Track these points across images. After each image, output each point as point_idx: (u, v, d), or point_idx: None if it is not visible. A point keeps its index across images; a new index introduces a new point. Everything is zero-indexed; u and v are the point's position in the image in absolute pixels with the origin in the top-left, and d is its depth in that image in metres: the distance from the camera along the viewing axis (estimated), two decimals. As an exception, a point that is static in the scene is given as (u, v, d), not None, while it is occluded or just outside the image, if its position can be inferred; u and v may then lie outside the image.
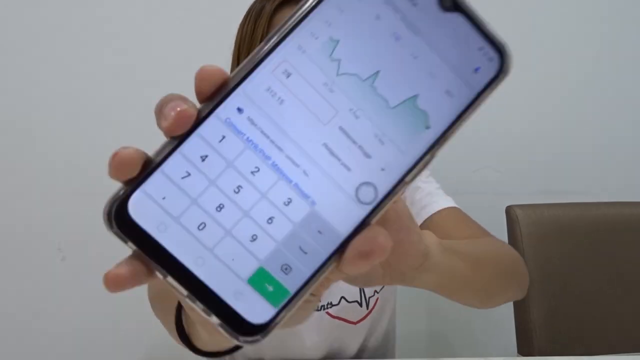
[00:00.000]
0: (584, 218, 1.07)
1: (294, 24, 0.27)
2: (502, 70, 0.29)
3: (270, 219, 0.27)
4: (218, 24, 1.10)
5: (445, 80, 0.29)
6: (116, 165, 0.26)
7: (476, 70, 0.29)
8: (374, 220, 0.28)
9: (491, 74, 0.29)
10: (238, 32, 0.79)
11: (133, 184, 0.26)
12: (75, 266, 1.42)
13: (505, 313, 1.07)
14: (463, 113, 0.29)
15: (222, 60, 0.80)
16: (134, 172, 0.26)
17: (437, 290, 0.51)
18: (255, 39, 0.75)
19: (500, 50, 0.29)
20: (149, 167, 0.26)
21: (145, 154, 0.26)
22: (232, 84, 0.27)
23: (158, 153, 0.26)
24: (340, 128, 0.28)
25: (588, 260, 1.05)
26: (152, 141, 0.29)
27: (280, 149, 0.27)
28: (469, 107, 0.29)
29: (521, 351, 1.04)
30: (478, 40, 0.29)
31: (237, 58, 0.78)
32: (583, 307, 1.04)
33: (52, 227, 1.41)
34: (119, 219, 0.26)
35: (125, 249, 0.26)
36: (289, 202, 0.27)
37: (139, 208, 0.26)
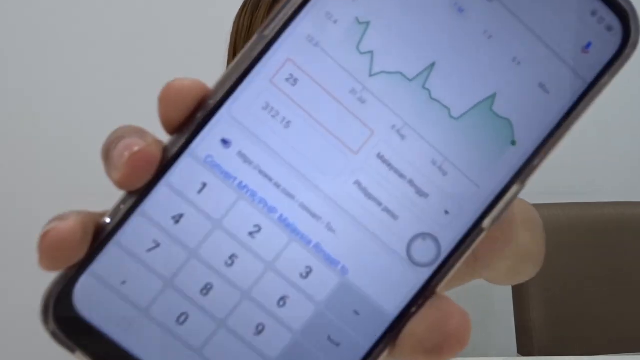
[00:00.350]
0: (584, 218, 1.08)
1: (298, 3, 0.18)
2: (627, 44, 0.19)
3: (282, 300, 0.18)
4: (217, 17, 0.99)
5: (537, 67, 0.18)
6: (47, 251, 0.17)
7: (587, 47, 0.19)
8: (441, 287, 0.19)
9: (610, 51, 0.19)
10: (233, 26, 0.67)
11: (78, 265, 0.18)
12: None
13: (505, 313, 1.08)
14: (568, 115, 0.19)
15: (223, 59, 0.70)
16: (75, 256, 0.17)
17: (498, 279, 0.41)
18: (252, 33, 0.64)
19: (623, 13, 0.18)
20: (100, 236, 0.18)
21: (95, 219, 0.18)
22: (212, 104, 0.18)
23: (112, 215, 0.18)
24: (379, 156, 0.18)
25: (588, 260, 1.06)
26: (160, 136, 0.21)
27: (290, 195, 0.18)
28: (577, 105, 0.19)
29: (521, 351, 1.05)
30: (588, 2, 0.18)
31: (233, 57, 0.67)
32: (583, 307, 1.05)
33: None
34: (62, 316, 0.18)
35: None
36: (308, 272, 0.18)
37: (88, 299, 0.18)
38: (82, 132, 1.36)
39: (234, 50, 0.68)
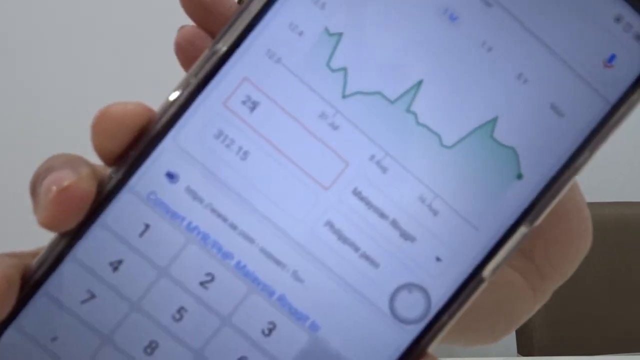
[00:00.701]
0: (583, 218, 1.06)
1: (256, 10, 0.15)
2: None
3: (240, 361, 0.15)
4: None
5: (548, 85, 0.15)
6: None
7: (610, 60, 0.15)
8: (432, 346, 0.16)
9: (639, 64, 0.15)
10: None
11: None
12: None
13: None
14: (587, 142, 0.15)
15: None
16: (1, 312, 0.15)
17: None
18: None
19: None
20: (28, 284, 0.15)
21: (22, 264, 0.15)
22: (155, 131, 0.15)
23: (41, 261, 0.15)
24: (356, 192, 0.15)
25: (588, 260, 1.01)
26: None
27: (248, 238, 0.15)
28: (598, 130, 0.15)
29: (521, 351, 1.03)
30: (612, 3, 0.15)
31: None
32: (583, 307, 1.04)
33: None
34: None
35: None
36: (271, 329, 0.15)
37: (11, 357, 0.15)
38: (82, 131, 1.36)
39: None
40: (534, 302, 0.21)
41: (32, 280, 0.15)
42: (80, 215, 0.15)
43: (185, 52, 0.17)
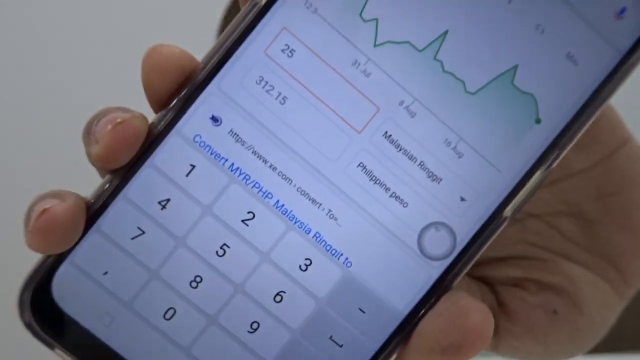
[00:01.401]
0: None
1: None
2: None
3: (278, 295, 0.16)
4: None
5: (564, 35, 0.16)
6: (42, 231, 0.15)
7: (621, 12, 0.16)
8: (457, 282, 0.17)
9: None
10: (220, 24, 0.65)
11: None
12: None
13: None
14: (600, 90, 0.17)
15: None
16: (70, 241, 0.16)
17: None
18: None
19: None
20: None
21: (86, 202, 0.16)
22: (200, 78, 0.16)
23: (94, 200, 0.16)
24: (386, 135, 0.16)
25: None
26: None
27: (287, 179, 0.16)
28: (610, 78, 0.17)
29: None
30: None
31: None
32: None
33: None
34: (39, 307, 0.16)
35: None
36: (307, 265, 0.17)
37: (68, 290, 0.16)
38: (81, 131, 1.36)
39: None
40: (619, 307, 0.21)
41: (86, 218, 0.16)
42: (132, 151, 0.16)
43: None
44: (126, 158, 0.16)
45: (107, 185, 0.16)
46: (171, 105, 0.16)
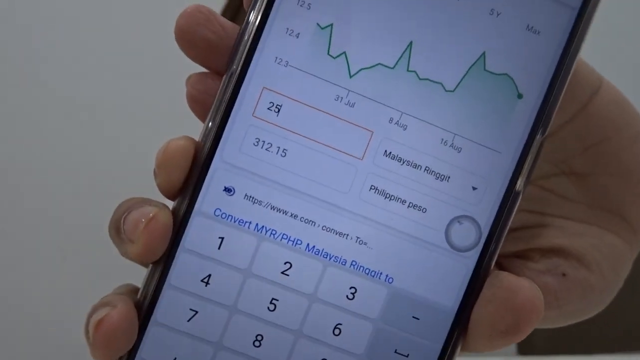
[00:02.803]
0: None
1: (252, 30, 0.17)
2: None
3: (336, 328, 0.17)
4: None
5: (519, 11, 0.17)
6: (103, 342, 0.16)
7: None
8: (493, 264, 0.18)
9: None
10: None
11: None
12: (76, 266, 1.40)
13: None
14: (567, 50, 0.17)
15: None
16: (130, 343, 0.17)
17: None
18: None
19: None
20: (139, 317, 0.17)
21: (133, 298, 0.17)
22: (204, 155, 0.17)
23: (144, 294, 0.17)
24: (387, 154, 0.17)
25: None
26: (154, 138, 0.20)
27: (310, 222, 0.17)
28: (574, 35, 0.17)
29: (521, 351, 1.00)
30: None
31: None
32: None
33: (52, 227, 1.39)
34: None
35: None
36: (354, 293, 0.17)
37: None
38: (82, 131, 1.36)
39: None
40: (632, 256, 0.21)
41: (142, 315, 0.17)
42: (166, 242, 0.17)
43: (200, 102, 0.18)
44: (162, 251, 0.17)
45: (152, 278, 0.17)
46: (186, 189, 0.17)
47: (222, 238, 0.17)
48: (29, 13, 1.36)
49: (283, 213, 0.17)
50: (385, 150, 0.17)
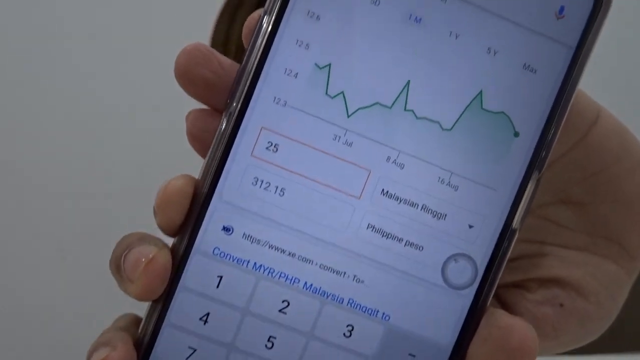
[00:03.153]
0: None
1: (251, 70, 0.17)
2: None
3: (333, 366, 0.18)
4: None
5: (515, 50, 0.17)
6: None
7: (560, 12, 0.17)
8: (489, 302, 0.18)
9: (587, 7, 0.17)
10: (211, 35, 0.65)
11: None
12: (76, 266, 1.40)
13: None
14: (563, 88, 0.18)
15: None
16: None
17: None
18: (230, 38, 0.61)
19: None
20: (139, 355, 0.17)
21: (132, 336, 0.18)
22: (203, 194, 0.17)
23: (142, 334, 0.17)
24: (384, 192, 0.17)
25: None
26: (154, 138, 0.20)
27: (307, 260, 0.17)
28: (570, 73, 0.17)
29: None
30: None
31: None
32: None
33: (52, 227, 1.40)
34: None
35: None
36: (351, 330, 0.18)
37: None
38: (82, 131, 1.36)
39: None
40: (629, 283, 0.21)
41: (141, 352, 0.17)
42: (165, 282, 0.17)
43: (200, 140, 0.18)
44: (161, 291, 0.17)
45: (150, 316, 0.17)
46: (185, 228, 0.17)
47: (221, 277, 0.17)
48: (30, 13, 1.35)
49: (281, 252, 0.17)
50: (383, 189, 0.17)
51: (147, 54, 1.32)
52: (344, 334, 0.17)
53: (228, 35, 0.62)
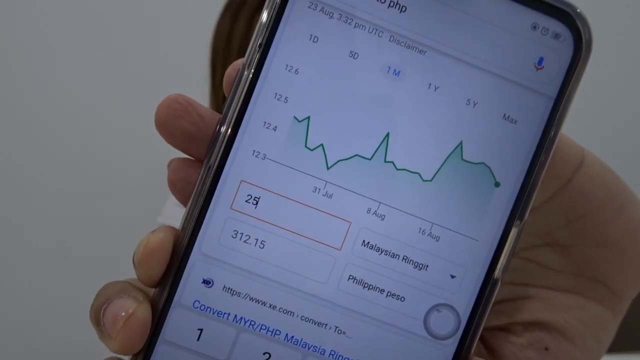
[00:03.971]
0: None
1: (229, 124, 0.17)
2: (580, 46, 0.17)
3: (315, 419, 0.17)
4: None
5: (495, 101, 0.17)
6: None
7: (539, 63, 0.17)
8: (472, 351, 0.18)
9: (566, 58, 0.17)
10: (214, 33, 0.66)
11: None
12: (76, 266, 1.40)
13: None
14: (544, 138, 0.18)
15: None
16: None
17: None
18: (232, 37, 0.61)
19: (566, 16, 0.17)
20: None
21: None
22: (182, 247, 0.17)
23: None
24: (365, 244, 0.17)
25: None
26: (153, 138, 0.20)
27: (288, 312, 0.17)
28: (549, 125, 0.17)
29: None
30: (526, 16, 0.17)
31: (213, 66, 0.66)
32: None
33: (52, 227, 1.40)
34: None
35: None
36: (332, 382, 0.17)
37: None
38: (82, 131, 1.36)
39: (213, 62, 0.64)
40: (615, 324, 0.21)
41: None
42: (144, 337, 0.17)
43: (180, 190, 0.18)
44: (140, 346, 0.17)
45: None
46: (165, 281, 0.17)
47: (201, 330, 0.17)
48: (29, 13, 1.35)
49: (262, 304, 0.17)
50: (364, 241, 0.17)
51: (147, 53, 1.33)
52: None
53: (230, 34, 0.62)
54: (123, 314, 0.17)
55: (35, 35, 1.37)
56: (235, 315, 0.17)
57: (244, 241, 0.17)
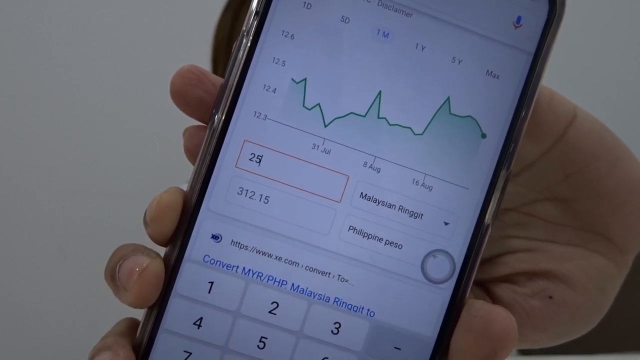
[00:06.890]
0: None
1: (232, 87, 0.18)
2: (554, 4, 0.19)
3: (322, 363, 0.18)
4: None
5: (478, 58, 0.19)
6: None
7: (518, 22, 0.19)
8: (468, 293, 0.19)
9: (542, 17, 0.19)
10: (215, 31, 0.67)
11: None
12: (76, 266, 1.40)
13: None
14: (525, 91, 0.19)
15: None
16: None
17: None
18: (234, 34, 0.62)
19: None
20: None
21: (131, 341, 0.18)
22: (191, 206, 0.18)
23: (139, 340, 0.18)
24: (363, 196, 0.19)
25: None
26: (153, 138, 0.21)
27: (294, 263, 0.18)
28: (530, 77, 0.19)
29: (521, 351, 0.99)
30: None
31: (215, 63, 0.66)
32: None
33: (52, 227, 1.39)
34: None
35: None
36: (338, 328, 0.19)
37: None
38: (82, 131, 1.36)
39: (215, 59, 0.65)
40: (620, 276, 0.21)
41: (139, 357, 0.18)
42: (158, 290, 0.18)
43: (195, 155, 0.19)
44: (155, 298, 0.18)
45: (146, 323, 0.18)
46: (176, 238, 0.18)
47: (212, 282, 0.18)
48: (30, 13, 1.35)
49: (268, 256, 0.18)
50: (362, 193, 0.19)
51: (149, 53, 1.33)
52: (332, 331, 0.18)
53: (232, 31, 0.63)
54: (137, 268, 0.18)
55: (35, 35, 1.37)
56: (244, 268, 0.18)
57: (249, 197, 0.18)
